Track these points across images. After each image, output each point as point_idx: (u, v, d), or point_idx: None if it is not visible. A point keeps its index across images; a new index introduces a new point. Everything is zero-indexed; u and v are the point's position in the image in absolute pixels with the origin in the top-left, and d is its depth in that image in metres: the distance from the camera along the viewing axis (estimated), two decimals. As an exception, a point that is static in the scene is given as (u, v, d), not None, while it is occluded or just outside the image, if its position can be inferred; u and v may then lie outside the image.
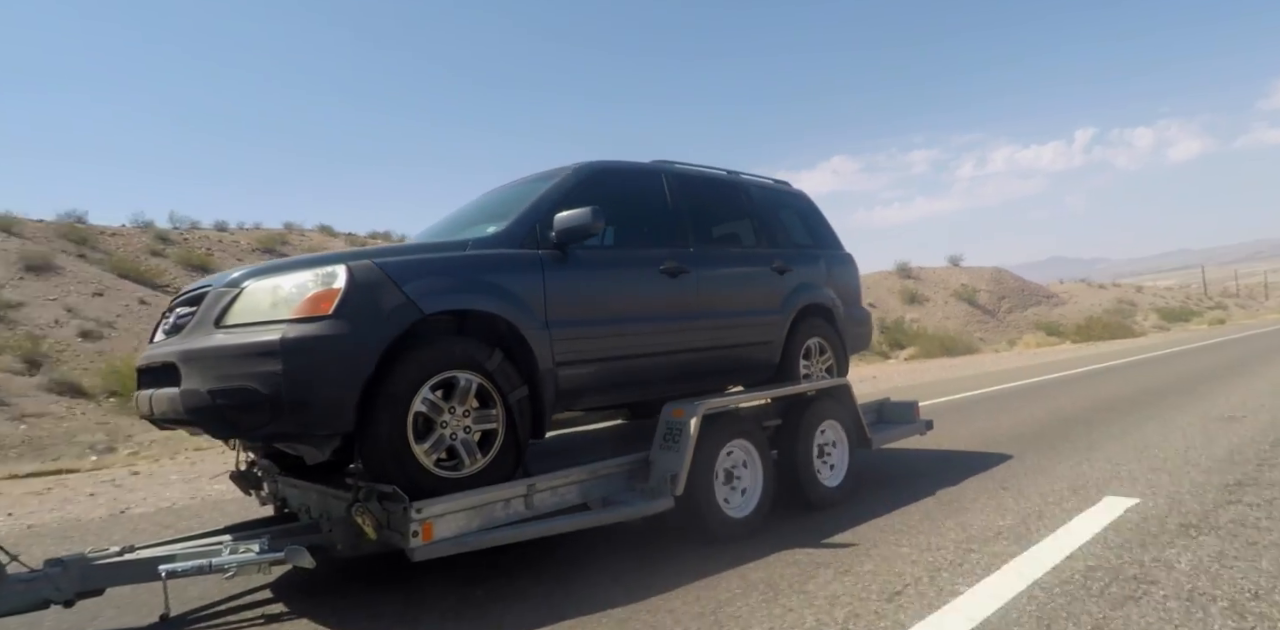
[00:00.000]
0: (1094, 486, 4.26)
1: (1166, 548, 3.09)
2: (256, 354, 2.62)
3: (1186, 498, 3.88)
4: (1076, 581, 2.75)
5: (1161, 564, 2.89)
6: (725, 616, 2.61)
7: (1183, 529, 3.35)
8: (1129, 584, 2.69)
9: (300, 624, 2.87)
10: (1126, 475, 4.51)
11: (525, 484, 3.10)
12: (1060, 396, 9.33)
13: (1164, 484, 4.22)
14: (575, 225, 3.38)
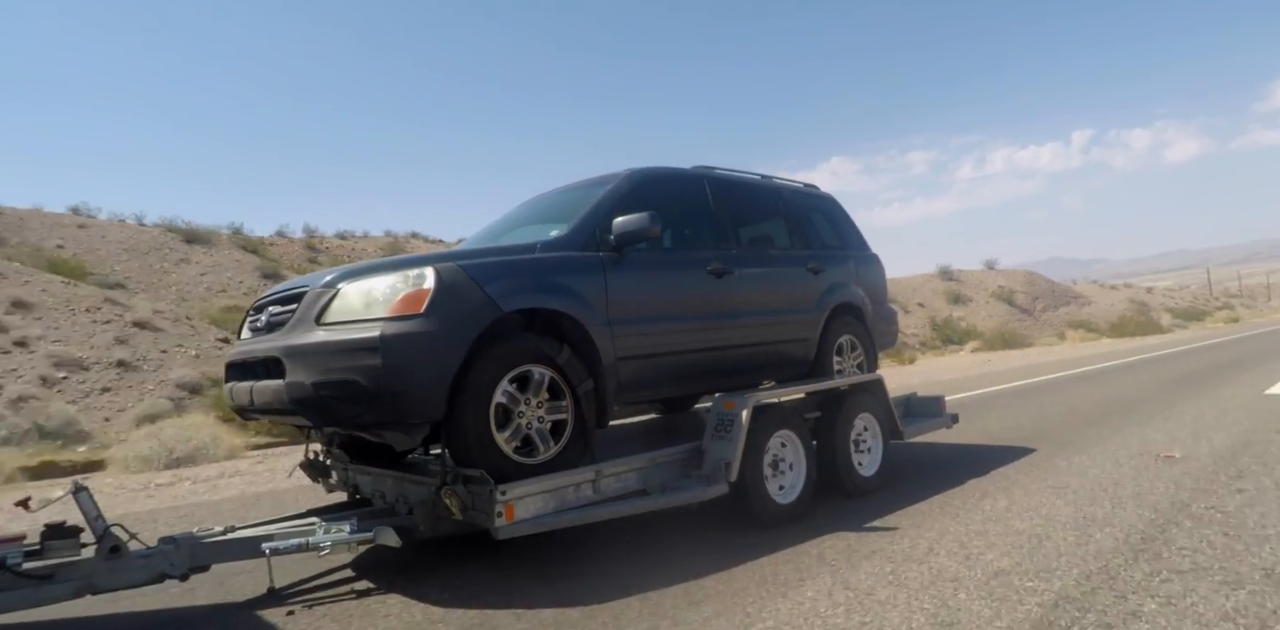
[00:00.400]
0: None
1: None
2: (358, 349, 2.86)
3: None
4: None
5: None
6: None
7: None
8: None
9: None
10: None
11: (593, 470, 3.34)
12: (1143, 372, 11.99)
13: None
14: (633, 229, 3.61)
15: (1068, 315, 33.30)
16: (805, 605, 2.69)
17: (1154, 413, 7.13)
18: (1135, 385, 10.09)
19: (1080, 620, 2.41)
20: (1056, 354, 20.52)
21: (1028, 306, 33.84)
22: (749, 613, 2.65)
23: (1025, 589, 2.71)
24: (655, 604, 2.80)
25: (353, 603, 3.10)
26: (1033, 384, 11.51)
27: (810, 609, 2.65)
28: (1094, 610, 2.48)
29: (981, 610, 2.53)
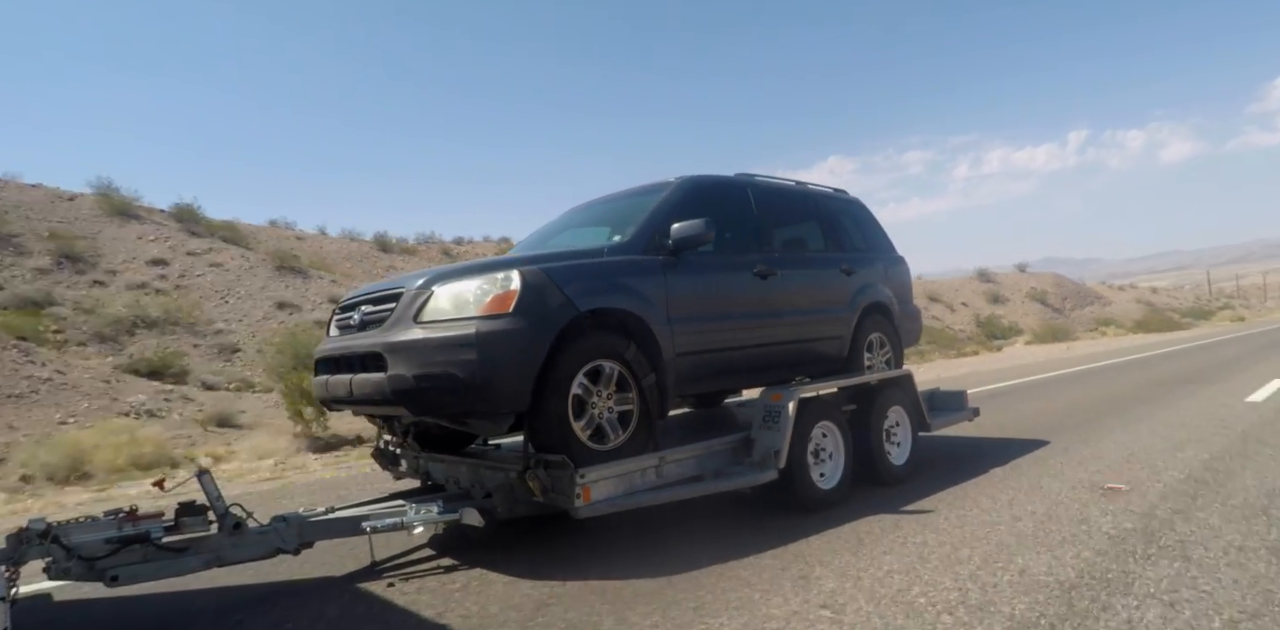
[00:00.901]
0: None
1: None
2: (455, 345, 3.16)
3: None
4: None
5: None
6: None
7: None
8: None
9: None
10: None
11: (657, 457, 3.65)
12: (1196, 356, 14.96)
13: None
14: (690, 234, 3.92)
15: (1092, 314, 36.72)
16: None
17: (1222, 378, 9.95)
18: (1201, 362, 13.39)
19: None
20: (1106, 344, 24.25)
21: (1058, 306, 37.31)
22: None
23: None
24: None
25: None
26: (1116, 363, 14.75)
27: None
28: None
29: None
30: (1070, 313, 37.04)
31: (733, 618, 2.65)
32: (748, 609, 2.73)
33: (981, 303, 33.73)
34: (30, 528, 2.72)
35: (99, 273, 15.45)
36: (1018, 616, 2.50)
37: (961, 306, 32.25)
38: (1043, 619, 2.47)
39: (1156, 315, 35.90)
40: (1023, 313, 34.06)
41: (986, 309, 32.83)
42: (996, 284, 37.51)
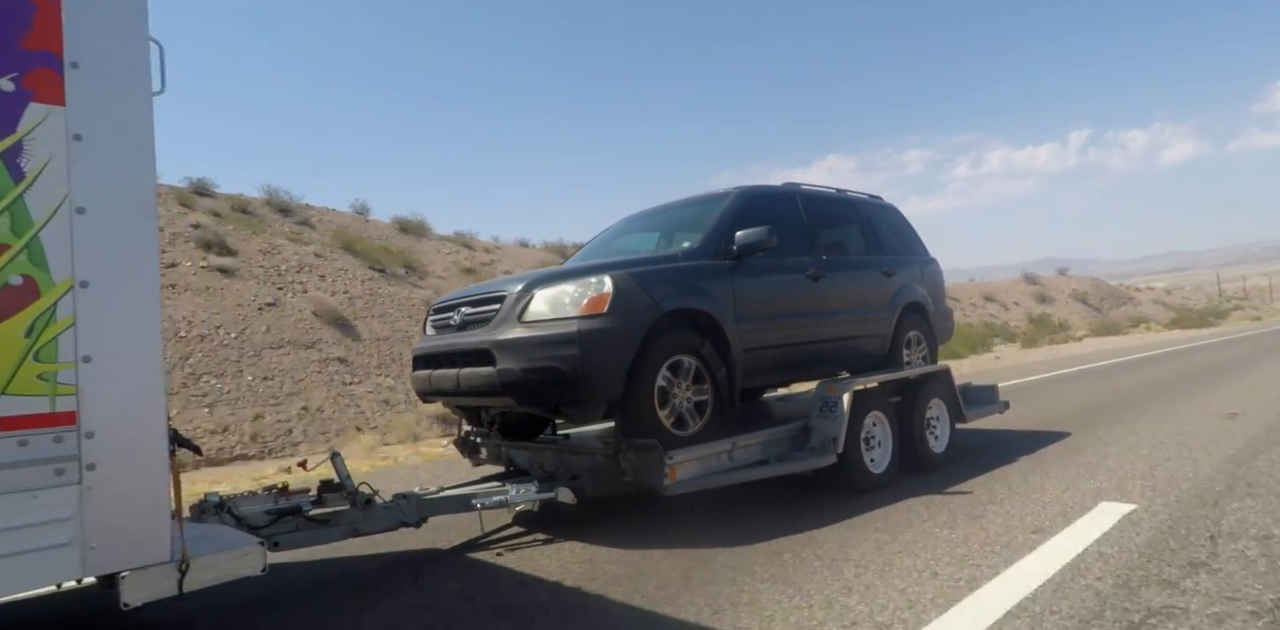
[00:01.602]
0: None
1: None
2: (559, 342, 3.57)
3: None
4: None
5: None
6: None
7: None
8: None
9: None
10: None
11: (730, 442, 4.05)
12: (1242, 345, 17.72)
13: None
14: (754, 241, 4.32)
15: (1128, 312, 40.26)
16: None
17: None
18: (1254, 347, 16.79)
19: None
20: (1155, 338, 26.93)
21: (1098, 306, 40.89)
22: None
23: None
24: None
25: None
26: (1181, 349, 17.84)
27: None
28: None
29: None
30: (1109, 311, 40.30)
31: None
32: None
33: (1031, 303, 36.81)
34: (208, 499, 3.14)
35: (433, 280, 16.23)
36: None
37: (1014, 306, 35.25)
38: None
39: (1189, 314, 39.18)
40: (1068, 311, 37.29)
41: (1036, 308, 35.73)
42: (1042, 286, 41.01)
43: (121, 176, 2.04)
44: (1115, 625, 2.39)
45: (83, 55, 1.99)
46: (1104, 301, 42.41)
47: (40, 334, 1.89)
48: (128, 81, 2.07)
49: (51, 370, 1.91)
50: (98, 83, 2.01)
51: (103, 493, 1.96)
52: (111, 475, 1.97)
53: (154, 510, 2.06)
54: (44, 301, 1.90)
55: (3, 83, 1.88)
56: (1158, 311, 41.91)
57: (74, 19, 1.98)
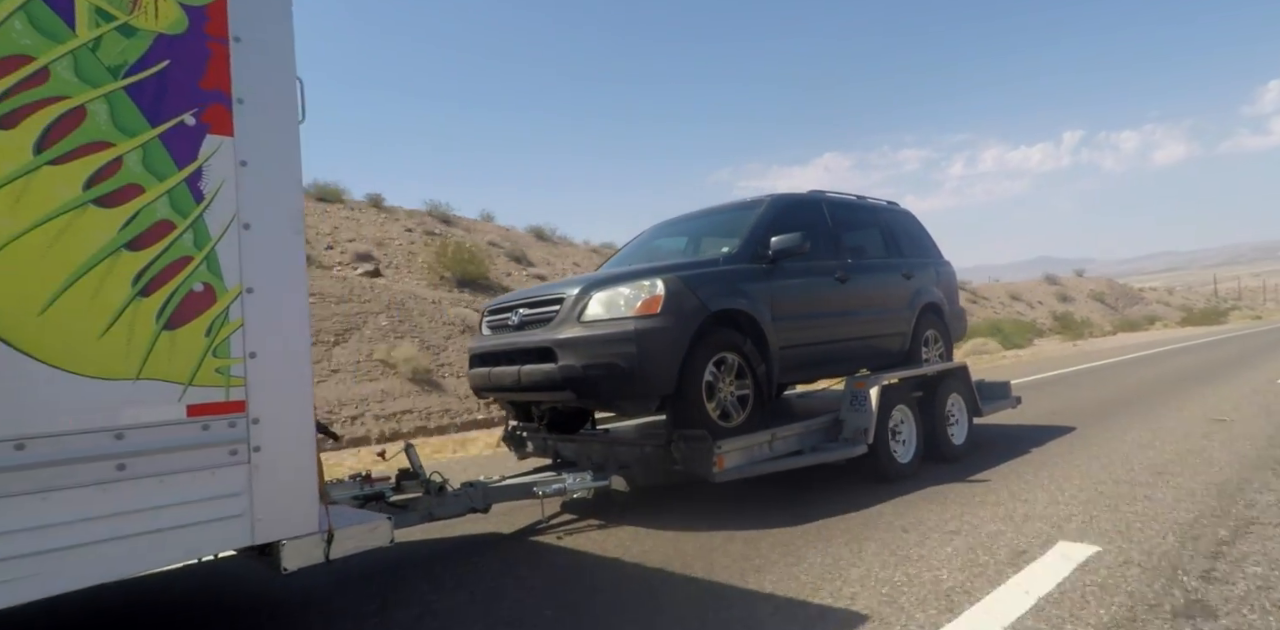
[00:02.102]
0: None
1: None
2: (617, 340, 3.87)
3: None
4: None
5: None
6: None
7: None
8: (1211, 494, 4.05)
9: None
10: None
11: (770, 433, 4.36)
12: (1264, 336, 21.40)
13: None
14: (789, 246, 4.63)
15: (1141, 311, 43.85)
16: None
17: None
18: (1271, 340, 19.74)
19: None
20: (1176, 333, 29.76)
21: (1114, 305, 44.55)
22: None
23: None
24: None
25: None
26: (1205, 341, 20.76)
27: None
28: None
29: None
30: (1123, 310, 44.16)
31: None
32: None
33: (1054, 302, 40.13)
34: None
35: (544, 268, 19.56)
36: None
37: (1039, 304, 38.38)
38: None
39: (1196, 313, 42.73)
40: (1088, 310, 40.72)
41: (1059, 306, 38.83)
42: (1063, 286, 44.76)
43: (277, 196, 2.35)
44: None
45: (246, 92, 2.29)
46: (1119, 301, 46.32)
47: (217, 333, 2.19)
48: (280, 114, 2.38)
49: (226, 365, 2.21)
50: (258, 116, 2.32)
51: (266, 471, 2.26)
52: (273, 456, 2.27)
53: (306, 487, 2.36)
54: (219, 305, 2.20)
55: (185, 117, 2.18)
56: (1165, 310, 45.21)
57: (239, 62, 2.28)
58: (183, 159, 2.17)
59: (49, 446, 1.89)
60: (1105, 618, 2.49)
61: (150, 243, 2.09)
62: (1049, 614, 2.55)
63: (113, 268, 2.02)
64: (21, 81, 1.91)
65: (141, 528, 2.02)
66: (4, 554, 1.81)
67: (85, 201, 1.99)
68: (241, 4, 2.31)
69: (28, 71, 1.93)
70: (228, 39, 2.28)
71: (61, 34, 1.98)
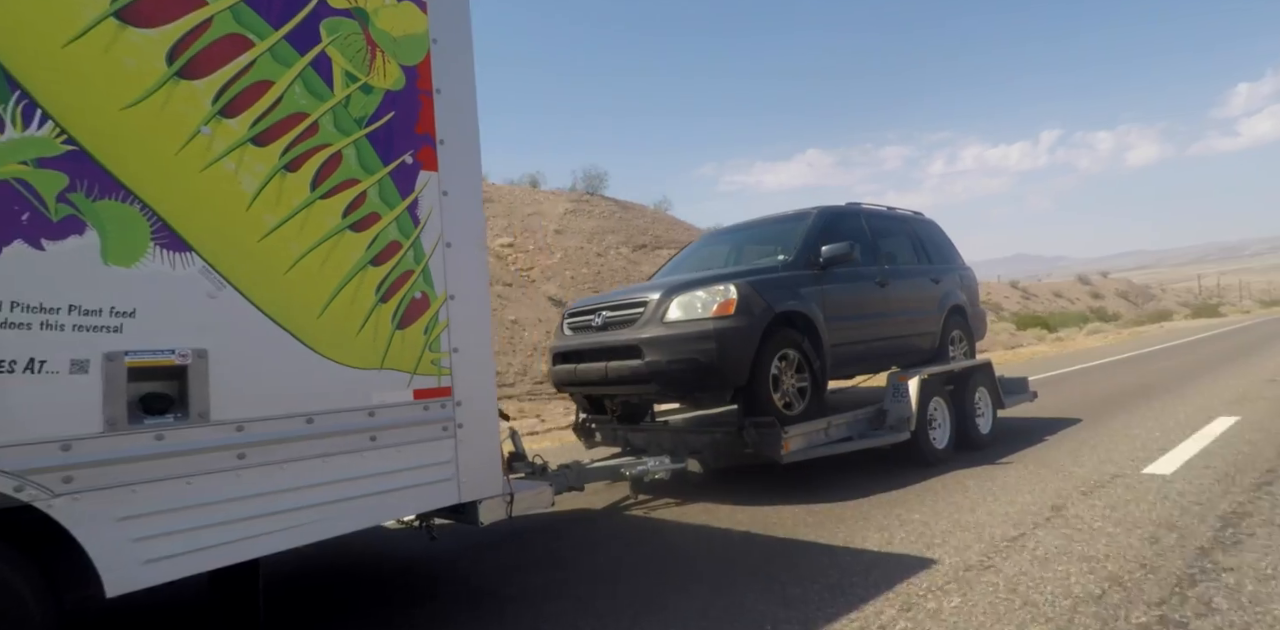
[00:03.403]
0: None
1: None
2: (699, 338, 4.40)
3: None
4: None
5: None
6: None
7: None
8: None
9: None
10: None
11: (826, 420, 4.90)
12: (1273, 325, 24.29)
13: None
14: (839, 254, 5.17)
15: (1155, 306, 50.84)
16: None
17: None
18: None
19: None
20: (1196, 324, 33.04)
21: (1135, 301, 51.44)
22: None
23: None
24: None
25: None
26: (1232, 330, 23.67)
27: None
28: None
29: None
30: (1142, 306, 51.26)
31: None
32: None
33: (1088, 298, 46.74)
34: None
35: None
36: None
37: (1076, 301, 44.83)
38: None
39: (1202, 308, 49.19)
40: (1116, 306, 47.46)
41: (1093, 303, 45.49)
42: (1093, 285, 52.11)
43: (468, 219, 2.86)
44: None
45: (445, 134, 2.81)
46: (1138, 297, 54.34)
47: (432, 332, 2.71)
48: (468, 151, 2.89)
49: (438, 357, 2.72)
50: (453, 153, 2.83)
51: (467, 444, 2.77)
52: (471, 432, 2.79)
53: (494, 457, 2.87)
54: (433, 309, 2.72)
55: (406, 157, 2.69)
56: (1171, 306, 51.86)
57: (440, 110, 2.80)
58: (405, 191, 2.68)
59: (329, 421, 2.40)
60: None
61: (386, 259, 2.61)
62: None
63: (363, 280, 2.54)
64: (301, 133, 2.43)
65: (387, 486, 2.53)
66: (298, 504, 2.32)
67: (344, 227, 2.51)
68: (441, 62, 2.83)
69: (305, 125, 2.44)
70: (432, 91, 2.80)
71: (325, 94, 2.49)
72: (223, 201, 2.24)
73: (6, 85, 1.87)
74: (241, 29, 2.31)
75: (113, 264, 2.02)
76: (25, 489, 1.83)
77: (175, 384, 2.13)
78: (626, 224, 21.09)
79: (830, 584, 3.02)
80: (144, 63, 2.11)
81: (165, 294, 2.11)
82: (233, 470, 2.19)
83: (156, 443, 2.05)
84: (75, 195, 1.97)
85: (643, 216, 22.51)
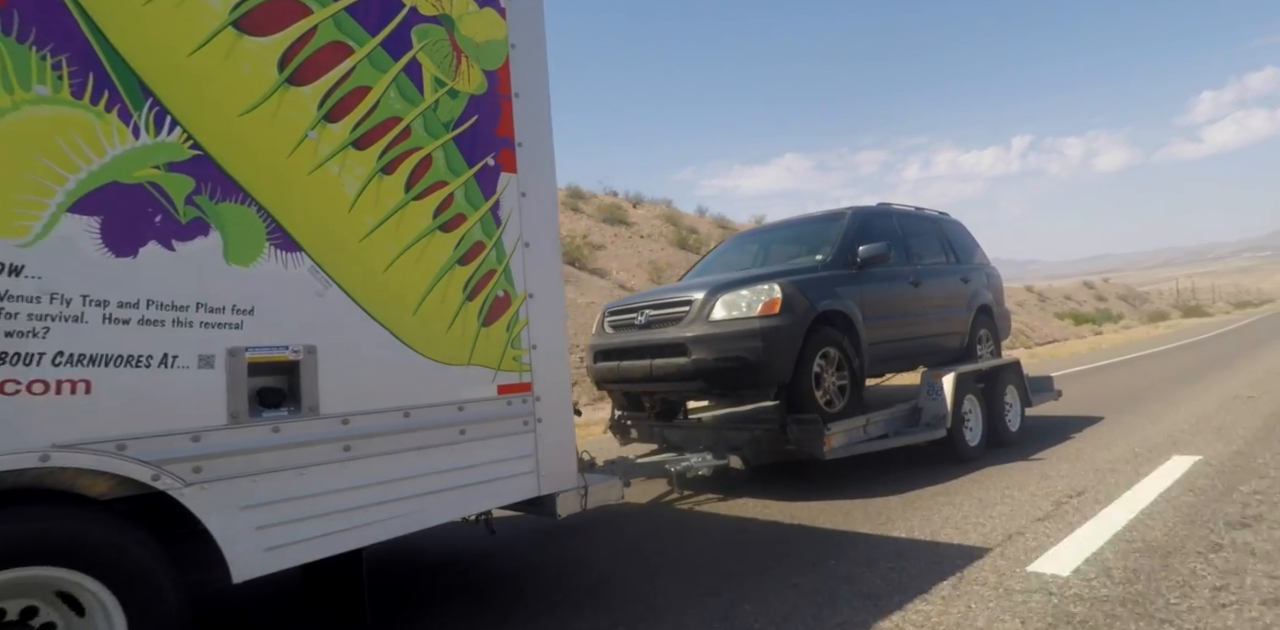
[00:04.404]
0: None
1: None
2: (745, 336, 4.48)
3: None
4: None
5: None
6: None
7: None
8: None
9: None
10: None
11: (865, 418, 4.98)
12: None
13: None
14: (876, 254, 5.25)
15: (1150, 307, 55.45)
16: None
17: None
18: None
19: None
20: (1204, 321, 36.87)
21: (1133, 303, 55.15)
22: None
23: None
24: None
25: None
26: (1240, 327, 26.49)
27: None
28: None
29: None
30: (1139, 307, 55.07)
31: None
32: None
33: (1093, 301, 50.28)
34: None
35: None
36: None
37: (1083, 302, 48.03)
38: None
39: (1192, 310, 54.51)
40: (1118, 308, 50.58)
41: (1098, 305, 48.74)
42: (1097, 289, 55.06)
43: (545, 219, 2.95)
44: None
45: (523, 137, 2.89)
46: (1134, 300, 58.43)
47: (513, 329, 2.79)
48: (544, 153, 2.98)
49: (519, 354, 2.80)
50: (531, 156, 2.91)
51: (545, 438, 2.85)
52: (549, 427, 2.87)
53: (570, 451, 2.96)
54: (514, 307, 2.80)
55: (488, 160, 2.78)
56: (1163, 308, 55.83)
57: (518, 113, 2.88)
58: (488, 192, 2.77)
59: (423, 415, 2.49)
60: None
61: (471, 259, 2.69)
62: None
63: (452, 279, 2.62)
64: (396, 137, 2.51)
65: (475, 479, 2.62)
66: (398, 495, 2.41)
67: (434, 228, 2.59)
68: (519, 67, 2.91)
69: (399, 129, 2.52)
70: (511, 95, 2.88)
71: (416, 99, 2.58)
72: (328, 203, 2.33)
73: (140, 93, 1.96)
74: (343, 36, 2.40)
75: (233, 264, 2.10)
76: (161, 478, 1.91)
77: (286, 379, 2.22)
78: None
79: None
80: (258, 70, 2.20)
81: (278, 292, 2.19)
82: (340, 462, 2.28)
83: (274, 435, 2.14)
84: (200, 197, 2.05)
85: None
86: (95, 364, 1.83)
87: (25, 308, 1.74)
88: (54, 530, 1.79)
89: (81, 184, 1.85)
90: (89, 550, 1.81)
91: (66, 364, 1.79)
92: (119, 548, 1.86)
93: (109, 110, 1.91)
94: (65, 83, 1.85)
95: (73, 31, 1.87)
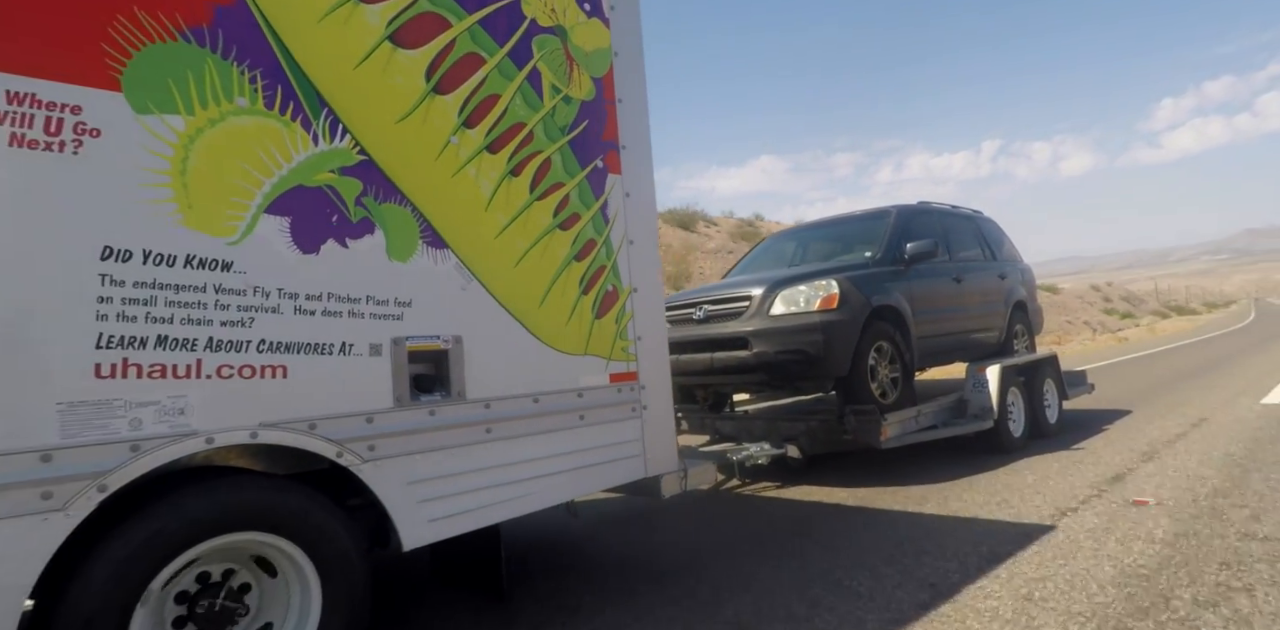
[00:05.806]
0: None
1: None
2: (806, 330, 4.65)
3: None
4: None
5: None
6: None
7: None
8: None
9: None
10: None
11: (916, 409, 5.15)
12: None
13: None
14: (923, 251, 5.42)
15: (1151, 306, 58.57)
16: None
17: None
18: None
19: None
20: (1207, 319, 39.39)
21: (1135, 304, 58.44)
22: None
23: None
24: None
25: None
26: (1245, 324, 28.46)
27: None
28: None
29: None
30: (1139, 306, 58.22)
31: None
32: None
33: (1102, 302, 52.72)
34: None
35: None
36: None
37: (1093, 304, 49.99)
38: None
39: (1183, 310, 58.00)
40: (1124, 308, 53.33)
41: (1107, 305, 51.23)
42: (1103, 292, 57.18)
43: (646, 218, 3.12)
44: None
45: (626, 140, 3.07)
46: (1133, 301, 61.09)
47: (621, 322, 2.97)
48: (644, 155, 3.15)
49: (626, 345, 2.98)
50: (633, 158, 3.09)
51: (650, 423, 3.03)
52: (653, 413, 3.05)
53: (671, 436, 3.14)
54: (621, 301, 2.98)
55: (597, 162, 2.95)
56: (1158, 308, 58.48)
57: (622, 117, 3.06)
58: (597, 193, 2.94)
59: (549, 401, 2.67)
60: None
61: (585, 255, 2.87)
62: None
63: (569, 274, 2.80)
64: (521, 141, 2.69)
65: (592, 461, 2.80)
66: (531, 475, 2.59)
67: (554, 227, 2.77)
68: (622, 73, 3.08)
69: (524, 134, 2.70)
70: (615, 101, 3.06)
71: (537, 105, 2.75)
72: (468, 203, 2.51)
73: (318, 103, 2.14)
74: (477, 47, 2.57)
75: (394, 260, 2.28)
76: (344, 455, 2.10)
77: (436, 366, 2.40)
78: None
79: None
80: (409, 80, 2.38)
81: (430, 286, 2.37)
82: (483, 443, 2.46)
83: (430, 417, 2.32)
84: (367, 199, 2.24)
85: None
86: (290, 351, 2.02)
87: (235, 300, 1.93)
88: (257, 500, 1.97)
89: (275, 187, 2.04)
90: (289, 518, 2.00)
91: (269, 351, 1.97)
92: (312, 515, 2.04)
93: (294, 119, 2.09)
94: (260, 95, 2.03)
95: (263, 47, 2.05)
